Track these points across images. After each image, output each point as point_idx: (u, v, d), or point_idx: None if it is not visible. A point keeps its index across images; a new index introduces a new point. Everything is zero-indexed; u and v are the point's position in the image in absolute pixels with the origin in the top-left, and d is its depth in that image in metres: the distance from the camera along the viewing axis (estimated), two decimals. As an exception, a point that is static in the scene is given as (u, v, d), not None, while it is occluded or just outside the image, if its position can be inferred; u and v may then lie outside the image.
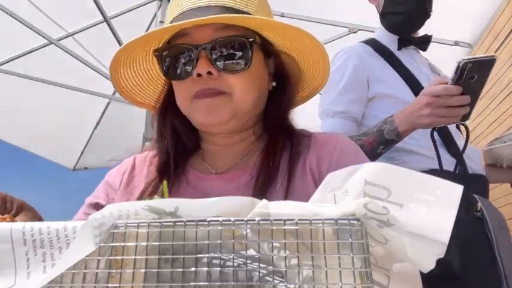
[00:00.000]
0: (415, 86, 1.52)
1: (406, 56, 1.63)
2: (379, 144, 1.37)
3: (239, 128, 0.85)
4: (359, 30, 3.20)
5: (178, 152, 0.87)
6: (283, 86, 0.88)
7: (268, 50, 0.86)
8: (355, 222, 0.39)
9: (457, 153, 1.43)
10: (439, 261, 0.40)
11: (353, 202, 0.40)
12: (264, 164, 0.81)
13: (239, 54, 0.79)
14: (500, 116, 3.36)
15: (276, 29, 0.83)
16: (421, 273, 0.41)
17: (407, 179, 0.42)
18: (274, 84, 0.88)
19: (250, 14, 0.81)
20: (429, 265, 0.39)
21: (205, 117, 0.81)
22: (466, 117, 1.30)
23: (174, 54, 0.81)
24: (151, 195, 0.80)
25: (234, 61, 0.79)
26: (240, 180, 0.81)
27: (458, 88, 1.22)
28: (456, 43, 3.16)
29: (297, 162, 0.81)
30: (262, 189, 0.77)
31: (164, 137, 0.89)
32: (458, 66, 1.21)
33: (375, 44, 1.64)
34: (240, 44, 0.79)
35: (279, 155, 0.82)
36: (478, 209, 1.35)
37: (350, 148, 0.85)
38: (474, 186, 1.41)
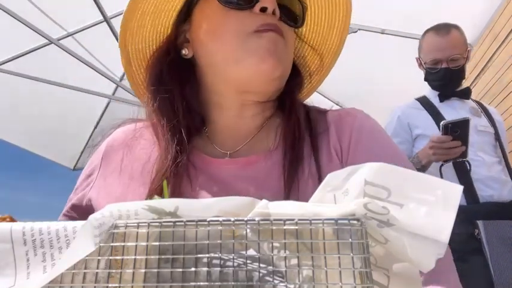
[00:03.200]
0: None
1: (447, 106, 2.16)
2: None
3: (272, 93, 0.78)
4: (359, 30, 3.20)
5: (180, 136, 0.74)
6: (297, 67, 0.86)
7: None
8: (355, 222, 0.39)
9: (466, 184, 1.90)
10: None
11: (353, 202, 0.40)
12: (288, 149, 0.71)
13: (297, 12, 0.79)
14: (500, 115, 3.36)
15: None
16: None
17: (407, 179, 0.42)
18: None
19: None
20: (429, 265, 0.39)
21: (265, 58, 0.70)
22: (464, 154, 1.86)
23: None
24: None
25: (293, 14, 0.78)
26: (258, 166, 0.71)
27: (447, 137, 1.84)
28: (456, 43, 3.16)
29: (321, 145, 0.73)
30: (290, 178, 0.67)
31: (164, 114, 0.77)
32: (441, 126, 1.85)
33: (423, 100, 2.23)
34: (300, 4, 0.79)
35: (301, 138, 0.73)
36: (476, 233, 1.81)
37: (368, 124, 0.78)
38: (480, 213, 1.86)
